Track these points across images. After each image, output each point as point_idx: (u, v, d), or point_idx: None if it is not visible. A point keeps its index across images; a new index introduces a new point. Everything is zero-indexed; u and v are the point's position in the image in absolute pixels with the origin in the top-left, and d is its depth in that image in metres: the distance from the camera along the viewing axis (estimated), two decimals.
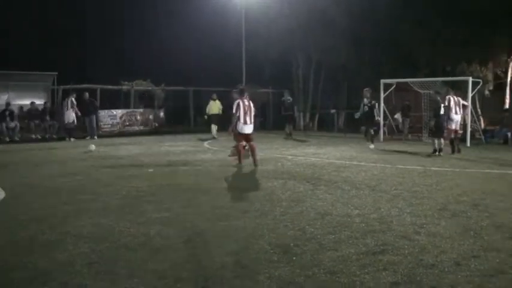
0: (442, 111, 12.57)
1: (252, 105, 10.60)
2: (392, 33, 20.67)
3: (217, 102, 19.42)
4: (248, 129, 10.45)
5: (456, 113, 13.20)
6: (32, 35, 28.40)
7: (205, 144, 15.78)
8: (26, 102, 19.71)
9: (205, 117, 20.22)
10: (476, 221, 5.75)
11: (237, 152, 10.76)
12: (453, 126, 13.13)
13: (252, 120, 10.54)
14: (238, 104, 10.40)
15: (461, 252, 4.58)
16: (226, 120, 13.28)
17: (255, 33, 23.33)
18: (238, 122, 10.41)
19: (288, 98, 19.53)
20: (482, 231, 5.31)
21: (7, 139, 17.56)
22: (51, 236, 5.14)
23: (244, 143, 10.69)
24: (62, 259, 4.40)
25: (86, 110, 19.28)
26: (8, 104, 18.54)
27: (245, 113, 10.35)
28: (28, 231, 5.29)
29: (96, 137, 19.04)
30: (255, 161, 10.45)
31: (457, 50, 19.39)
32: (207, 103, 19.71)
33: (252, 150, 10.50)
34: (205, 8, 25.94)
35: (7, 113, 18.10)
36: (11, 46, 27.23)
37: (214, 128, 19.03)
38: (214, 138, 18.32)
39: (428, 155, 12.42)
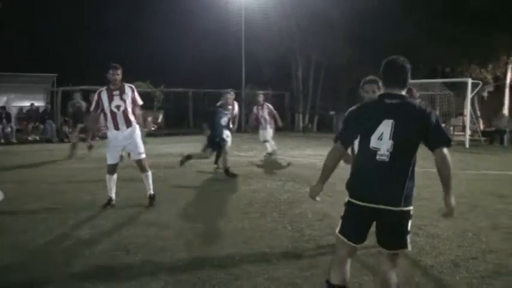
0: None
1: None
2: (391, 33, 20.68)
3: None
4: None
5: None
6: (32, 36, 28.40)
7: None
8: (26, 104, 19.72)
9: None
10: (474, 222, 5.76)
11: None
12: None
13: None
14: None
15: (460, 254, 4.59)
16: None
17: (255, 35, 23.34)
18: None
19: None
20: (480, 232, 5.32)
21: (2, 141, 17.48)
22: (50, 237, 5.15)
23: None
24: (60, 261, 4.40)
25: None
26: (3, 107, 18.49)
27: None
28: (27, 233, 5.29)
29: (97, 138, 19.06)
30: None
31: (457, 50, 19.41)
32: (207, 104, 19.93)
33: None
34: (205, 9, 25.91)
35: (3, 115, 18.07)
36: (11, 47, 27.21)
37: None
38: None
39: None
